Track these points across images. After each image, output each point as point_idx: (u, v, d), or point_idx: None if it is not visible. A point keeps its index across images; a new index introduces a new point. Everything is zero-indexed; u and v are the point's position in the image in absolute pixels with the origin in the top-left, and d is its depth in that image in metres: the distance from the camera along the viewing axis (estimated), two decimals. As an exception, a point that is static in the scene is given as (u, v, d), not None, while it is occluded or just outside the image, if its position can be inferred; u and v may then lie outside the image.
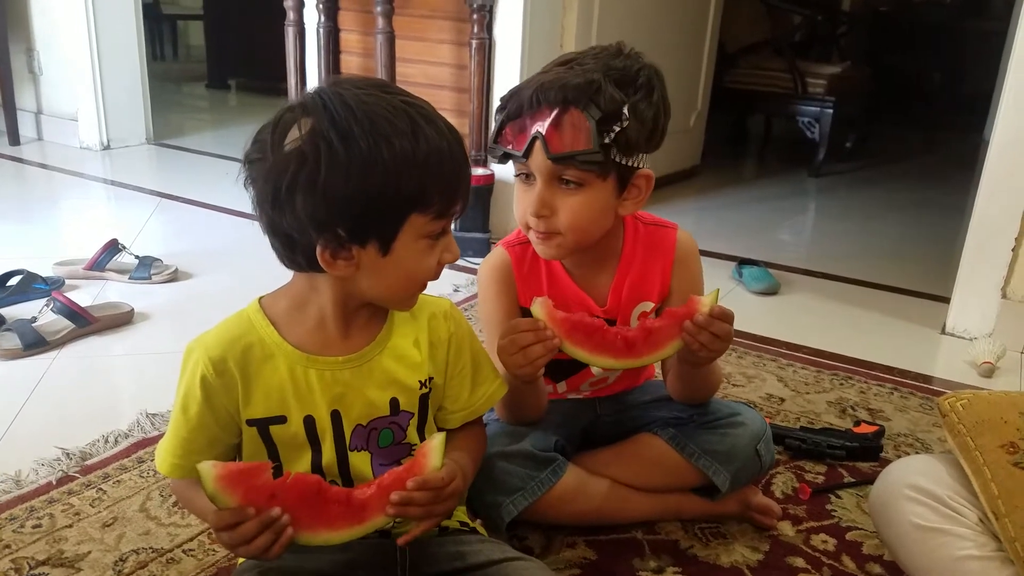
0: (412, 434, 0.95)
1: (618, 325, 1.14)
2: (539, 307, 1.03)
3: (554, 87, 1.02)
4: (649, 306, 1.19)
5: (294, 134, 0.79)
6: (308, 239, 0.81)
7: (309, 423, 0.89)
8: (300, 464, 0.90)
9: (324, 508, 0.83)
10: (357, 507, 0.84)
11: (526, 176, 1.08)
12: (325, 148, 0.78)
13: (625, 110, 1.02)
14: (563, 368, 1.21)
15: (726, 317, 1.05)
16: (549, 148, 1.02)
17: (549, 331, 1.01)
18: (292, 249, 0.84)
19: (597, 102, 1.01)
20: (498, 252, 1.21)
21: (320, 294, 0.88)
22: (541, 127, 1.03)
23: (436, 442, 0.86)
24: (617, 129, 1.02)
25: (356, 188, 0.78)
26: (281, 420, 0.89)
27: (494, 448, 1.13)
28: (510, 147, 1.07)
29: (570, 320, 1.04)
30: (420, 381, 0.94)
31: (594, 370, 1.22)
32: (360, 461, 0.92)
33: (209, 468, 0.78)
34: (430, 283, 0.90)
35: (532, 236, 1.11)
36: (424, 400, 0.95)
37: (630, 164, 1.07)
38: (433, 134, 0.81)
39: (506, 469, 1.13)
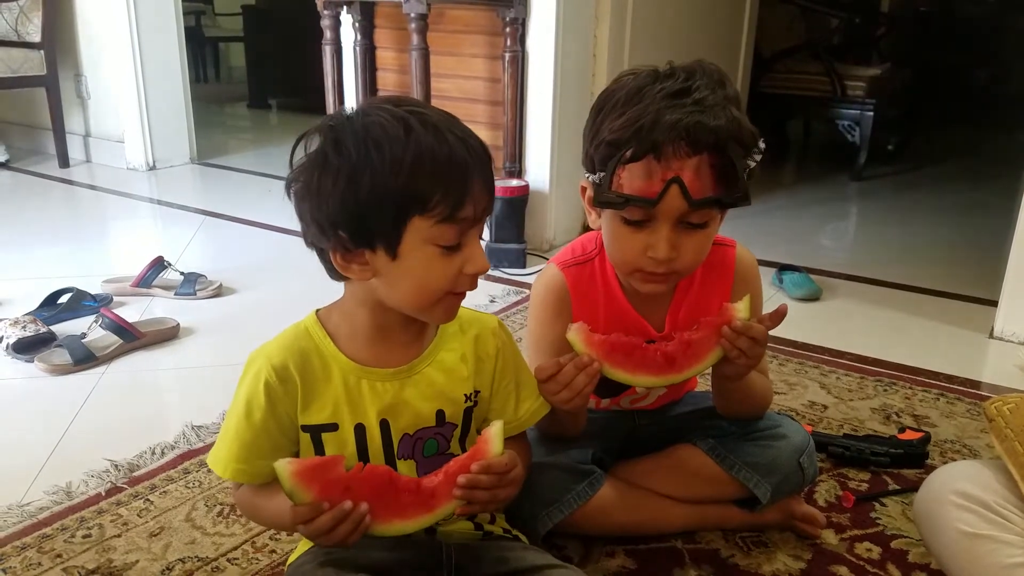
0: (455, 445, 0.97)
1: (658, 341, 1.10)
2: (575, 334, 1.01)
3: (701, 130, 0.94)
4: None
5: (304, 151, 0.85)
6: (325, 245, 0.85)
7: (359, 431, 0.92)
8: None
9: (396, 498, 0.86)
10: (427, 495, 0.87)
11: (638, 221, 1.00)
12: (321, 159, 0.83)
13: (761, 143, 1.00)
14: (608, 385, 1.16)
15: (777, 318, 1.03)
16: (691, 193, 0.96)
17: (587, 358, 1.00)
18: (325, 259, 0.88)
19: (741, 140, 0.97)
20: (553, 273, 1.16)
21: (360, 306, 0.91)
22: (680, 171, 0.95)
23: (495, 429, 0.88)
24: (752, 164, 0.99)
25: (346, 192, 0.82)
26: (333, 428, 0.91)
27: (532, 458, 1.13)
28: (637, 194, 0.97)
29: (608, 342, 1.02)
30: (466, 395, 0.96)
31: (639, 389, 1.21)
32: (407, 469, 0.94)
33: (285, 465, 0.81)
34: (468, 294, 0.91)
35: (639, 276, 1.06)
36: (468, 413, 0.97)
37: None
38: (428, 138, 0.82)
39: (543, 481, 1.13)
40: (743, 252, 1.18)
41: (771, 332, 1.05)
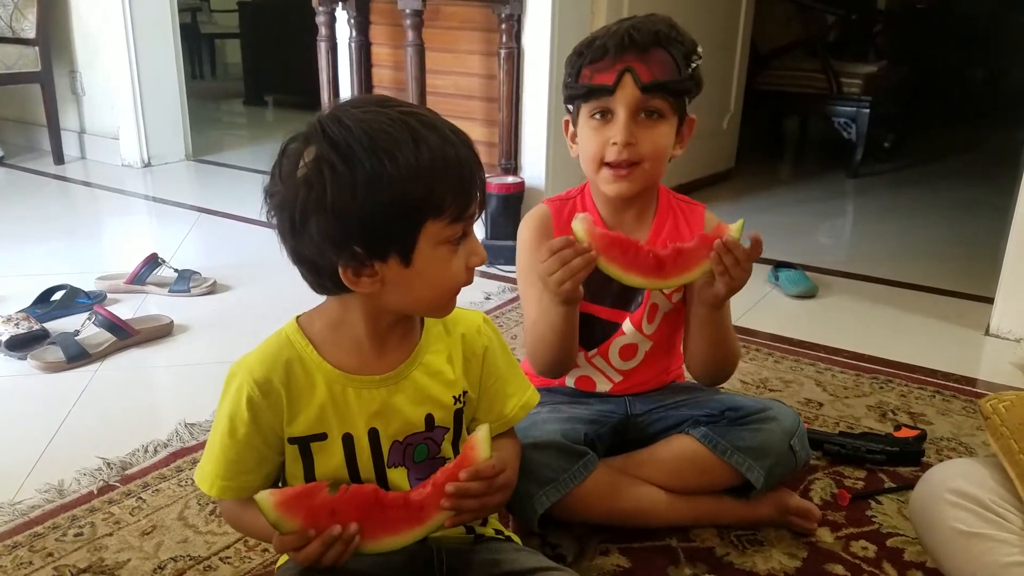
0: (447, 448, 0.95)
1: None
2: (580, 222, 1.09)
3: (642, 31, 1.15)
4: None
5: (300, 163, 0.80)
6: (329, 261, 0.82)
7: (347, 440, 0.90)
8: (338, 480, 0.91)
9: (384, 515, 0.85)
10: (416, 509, 0.86)
11: (601, 114, 1.17)
12: (329, 171, 0.78)
13: (699, 49, 1.18)
14: (594, 333, 1.25)
15: (756, 246, 1.10)
16: (640, 79, 1.13)
17: (587, 245, 1.08)
18: (318, 274, 0.85)
19: (681, 40, 1.17)
20: (538, 207, 1.29)
21: (352, 313, 0.89)
22: (631, 63, 1.14)
23: (482, 434, 0.86)
24: (694, 65, 1.17)
25: (365, 204, 0.78)
26: (322, 437, 0.90)
27: (524, 440, 1.13)
28: (596, 83, 1.15)
29: (608, 236, 1.11)
30: (454, 397, 0.94)
31: (625, 327, 1.24)
32: (397, 477, 0.92)
33: (267, 496, 0.80)
34: (464, 290, 0.89)
35: (606, 174, 1.18)
36: (459, 415, 0.96)
37: (688, 103, 1.19)
38: (436, 140, 0.80)
39: (538, 460, 1.14)
40: (711, 215, 1.28)
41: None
